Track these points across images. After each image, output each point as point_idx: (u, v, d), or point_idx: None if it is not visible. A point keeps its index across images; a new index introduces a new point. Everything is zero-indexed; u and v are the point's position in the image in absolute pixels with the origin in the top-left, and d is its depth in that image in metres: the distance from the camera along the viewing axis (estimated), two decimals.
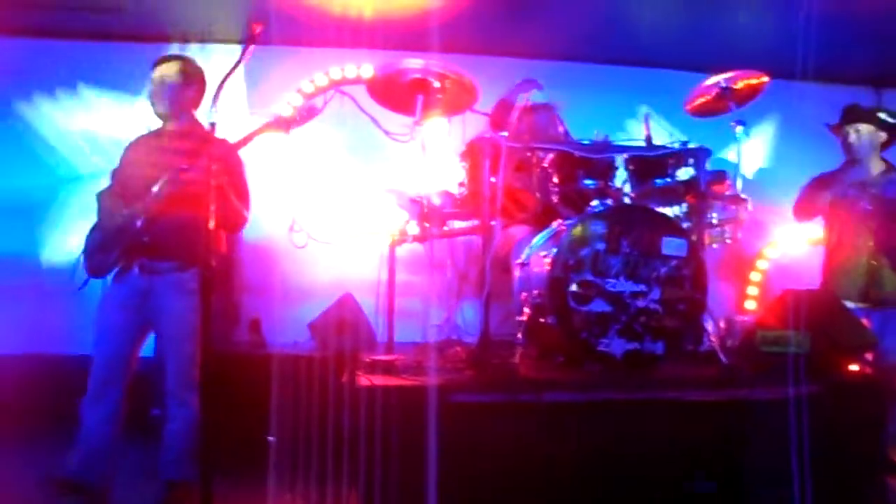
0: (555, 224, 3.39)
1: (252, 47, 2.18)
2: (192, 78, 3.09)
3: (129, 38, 4.53)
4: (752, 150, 5.24)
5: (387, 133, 4.11)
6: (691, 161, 3.41)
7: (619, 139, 3.53)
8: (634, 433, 2.69)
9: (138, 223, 2.90)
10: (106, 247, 2.97)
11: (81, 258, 3.03)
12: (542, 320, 3.04)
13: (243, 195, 3.12)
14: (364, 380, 2.80)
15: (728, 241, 3.65)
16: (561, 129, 3.74)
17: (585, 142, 3.42)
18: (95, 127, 4.73)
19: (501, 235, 4.01)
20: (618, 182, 3.46)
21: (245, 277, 4.69)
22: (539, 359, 3.23)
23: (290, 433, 3.26)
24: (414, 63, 3.34)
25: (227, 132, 2.96)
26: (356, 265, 4.49)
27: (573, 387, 2.75)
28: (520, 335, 3.08)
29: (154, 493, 2.98)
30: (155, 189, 2.88)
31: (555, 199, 3.44)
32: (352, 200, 4.66)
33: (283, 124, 2.94)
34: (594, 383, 2.80)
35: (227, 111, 2.66)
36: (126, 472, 3.12)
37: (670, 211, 3.67)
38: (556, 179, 3.45)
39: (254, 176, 4.54)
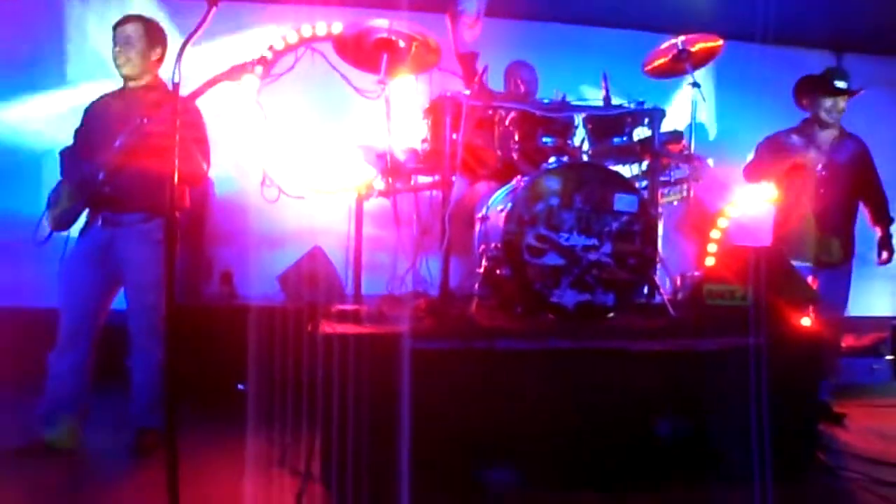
0: (514, 180, 3.50)
1: (214, 10, 2.24)
2: (156, 39, 3.14)
3: None
4: (713, 112, 5.40)
5: (357, 90, 4.20)
6: (647, 121, 3.53)
7: (578, 99, 3.62)
8: (585, 381, 2.80)
9: (100, 176, 2.98)
10: (68, 200, 3.05)
11: (45, 213, 3.10)
12: (498, 272, 3.16)
13: (203, 149, 3.19)
14: (327, 328, 2.92)
15: (685, 197, 3.79)
16: (522, 88, 3.82)
17: (546, 101, 3.52)
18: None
19: (467, 191, 4.15)
20: (577, 140, 3.58)
21: (217, 231, 4.78)
22: (496, 309, 3.37)
23: (260, 382, 3.39)
24: (379, 23, 3.41)
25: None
26: (326, 219, 4.58)
27: (525, 335, 2.87)
28: (477, 287, 3.21)
29: (126, 440, 3.11)
30: (117, 143, 2.95)
31: (515, 156, 3.55)
32: (322, 155, 4.73)
33: (234, 72, 2.97)
34: (545, 332, 2.92)
35: (197, 70, 2.72)
36: (99, 422, 3.24)
37: (628, 169, 3.80)
38: (516, 137, 3.55)
39: (225, 132, 4.66)
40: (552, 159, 3.35)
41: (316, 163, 4.76)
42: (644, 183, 3.64)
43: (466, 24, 3.81)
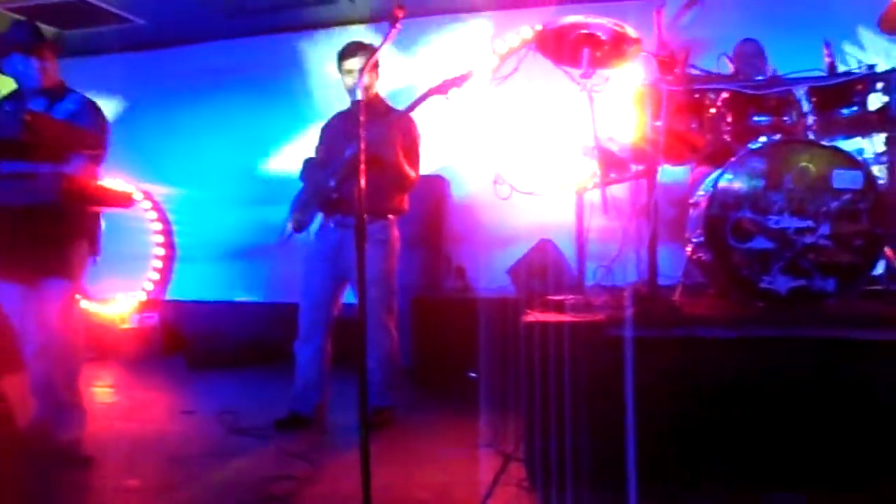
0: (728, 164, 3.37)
1: (396, 29, 2.52)
2: (374, 62, 3.54)
3: (344, 23, 5.19)
4: None
5: (578, 84, 4.30)
6: (882, 86, 3.18)
7: (795, 72, 3.37)
8: (794, 372, 2.66)
9: (331, 183, 3.44)
10: (306, 205, 3.56)
11: (288, 216, 3.65)
12: (703, 258, 3.09)
13: (414, 158, 3.52)
14: (531, 317, 3.08)
15: None
16: (733, 67, 3.65)
17: (759, 78, 3.34)
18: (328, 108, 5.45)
19: (686, 178, 4.05)
20: (795, 116, 3.33)
21: (453, 229, 5.16)
22: (700, 297, 3.28)
23: (485, 369, 3.66)
24: (578, 18, 3.48)
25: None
26: (556, 213, 4.73)
27: (727, 323, 2.78)
28: (681, 274, 3.16)
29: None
30: (346, 153, 3.40)
31: (728, 138, 3.40)
32: (548, 152, 4.89)
33: (443, 88, 3.24)
34: (748, 320, 2.81)
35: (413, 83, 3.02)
36: (336, 402, 3.74)
37: (866, 143, 3.46)
38: (729, 119, 3.41)
39: (459, 136, 5.03)
40: (762, 139, 3.17)
41: (543, 160, 4.93)
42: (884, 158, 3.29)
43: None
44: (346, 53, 3.58)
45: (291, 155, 5.36)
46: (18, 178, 2.83)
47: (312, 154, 3.76)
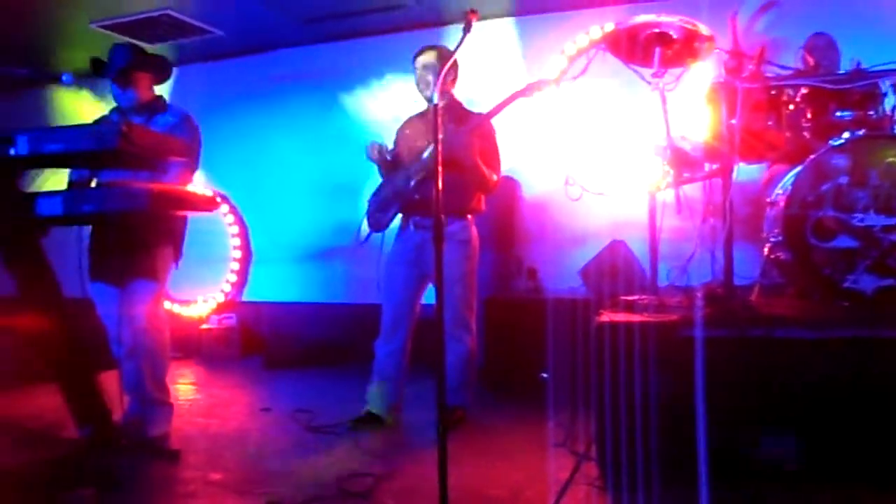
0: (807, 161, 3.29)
1: (469, 34, 2.56)
2: (446, 62, 3.58)
3: (412, 27, 5.28)
4: None
5: (649, 83, 4.26)
6: None
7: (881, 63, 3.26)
8: (880, 374, 2.59)
9: (411, 184, 3.50)
10: (385, 206, 3.63)
11: (365, 216, 3.72)
12: (781, 258, 3.03)
13: (493, 160, 3.55)
14: (603, 317, 3.08)
15: None
16: (812, 61, 3.55)
17: (840, 72, 3.25)
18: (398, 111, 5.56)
19: (761, 176, 3.97)
20: (881, 111, 3.23)
21: (524, 230, 5.17)
22: (778, 297, 3.21)
23: (557, 369, 3.66)
24: (650, 18, 3.45)
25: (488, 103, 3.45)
26: (627, 213, 4.69)
27: (807, 324, 2.72)
28: (759, 273, 3.11)
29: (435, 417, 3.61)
30: (424, 155, 3.46)
31: (807, 134, 3.32)
32: (618, 152, 4.85)
33: (528, 90, 3.28)
34: (830, 320, 2.73)
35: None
36: (411, 400, 3.79)
37: None
38: (808, 115, 3.33)
39: (530, 137, 5.04)
40: (845, 134, 3.08)
41: (614, 160, 4.90)
42: None
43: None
44: (420, 51, 3.65)
45: (361, 159, 5.45)
46: (116, 186, 3.00)
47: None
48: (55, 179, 3.10)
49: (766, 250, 3.12)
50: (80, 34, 5.47)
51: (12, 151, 2.32)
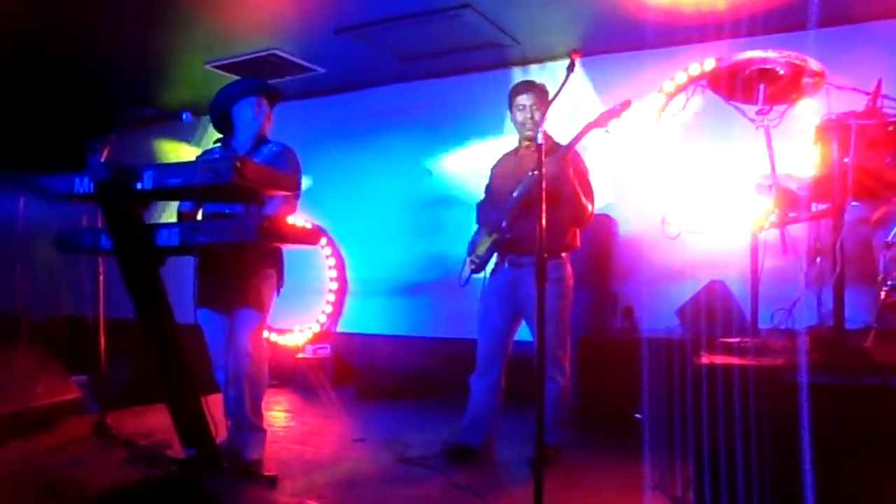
0: None
1: (572, 74, 2.59)
2: (543, 101, 3.61)
3: (507, 65, 5.40)
4: None
5: (752, 121, 4.17)
6: None
7: None
8: None
9: (504, 224, 3.53)
10: (481, 247, 3.66)
11: (466, 259, 3.76)
12: None
13: (586, 189, 3.54)
14: (704, 359, 2.99)
15: None
16: None
17: None
18: (492, 148, 5.61)
19: (871, 216, 3.80)
20: None
21: (620, 268, 5.10)
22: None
23: (652, 410, 3.59)
24: (756, 54, 3.39)
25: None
26: (727, 253, 4.57)
27: None
28: (875, 318, 2.96)
29: (528, 453, 3.57)
30: (514, 194, 3.48)
31: None
32: (719, 190, 4.75)
33: (602, 120, 3.27)
34: None
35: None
36: (505, 437, 3.79)
37: None
38: None
39: (627, 174, 5.00)
40: None
41: (714, 198, 4.79)
42: None
43: None
44: (518, 90, 3.66)
45: (457, 194, 5.54)
46: (227, 218, 3.16)
47: (482, 194, 3.87)
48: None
49: (882, 294, 2.97)
50: (194, 75, 5.80)
51: (139, 185, 2.48)
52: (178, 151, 6.98)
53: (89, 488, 3.11)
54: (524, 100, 3.61)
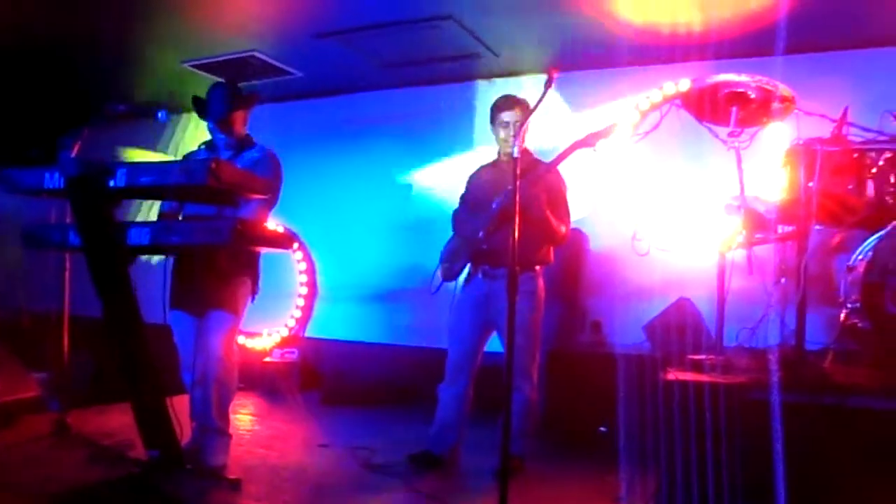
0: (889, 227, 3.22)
1: (550, 89, 2.63)
2: (527, 117, 3.63)
3: (488, 76, 5.44)
4: None
5: (724, 142, 4.25)
6: None
7: None
8: None
9: (480, 234, 3.55)
10: (455, 256, 3.68)
11: (438, 266, 3.77)
12: (858, 325, 2.96)
13: (562, 211, 3.57)
14: (670, 375, 3.04)
15: None
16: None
17: None
18: (470, 158, 5.63)
19: (832, 240, 3.89)
20: None
21: (590, 283, 5.15)
22: (853, 365, 3.12)
23: (616, 423, 3.62)
24: (729, 77, 3.47)
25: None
26: (695, 271, 4.64)
27: (885, 394, 2.64)
28: (835, 340, 3.04)
29: (492, 462, 3.58)
30: (493, 205, 3.50)
31: (890, 199, 3.26)
32: (687, 210, 4.82)
33: (589, 141, 3.30)
34: None
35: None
36: (470, 445, 3.79)
37: None
38: (892, 179, 3.28)
39: (598, 191, 5.05)
40: None
41: (683, 217, 4.86)
42: None
43: None
44: (502, 106, 3.64)
45: (431, 203, 5.54)
46: (201, 220, 3.14)
47: (456, 204, 3.89)
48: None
49: (842, 316, 3.05)
50: (170, 72, 5.75)
51: (112, 183, 2.46)
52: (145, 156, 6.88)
53: (47, 487, 3.06)
54: (508, 116, 3.61)
